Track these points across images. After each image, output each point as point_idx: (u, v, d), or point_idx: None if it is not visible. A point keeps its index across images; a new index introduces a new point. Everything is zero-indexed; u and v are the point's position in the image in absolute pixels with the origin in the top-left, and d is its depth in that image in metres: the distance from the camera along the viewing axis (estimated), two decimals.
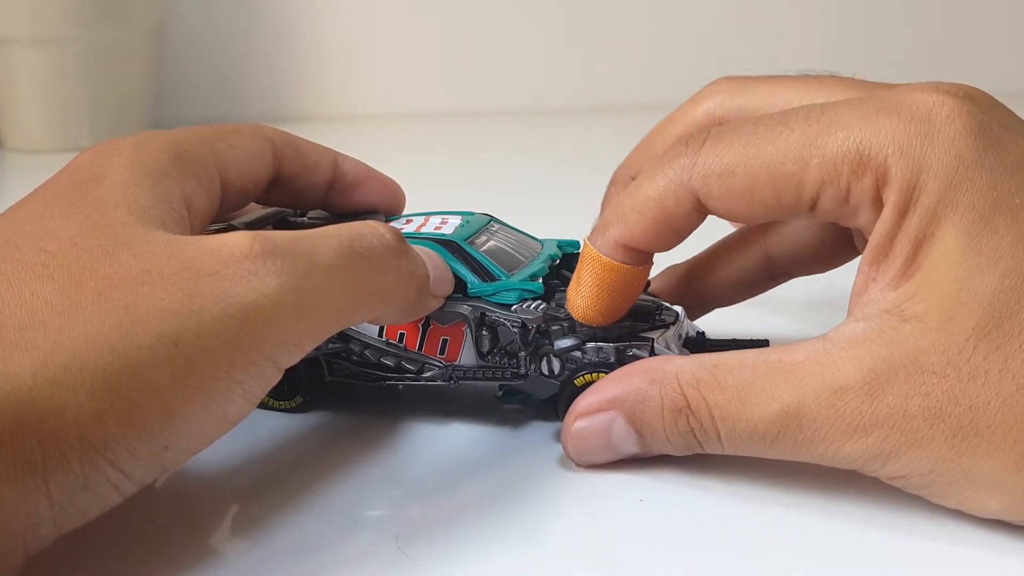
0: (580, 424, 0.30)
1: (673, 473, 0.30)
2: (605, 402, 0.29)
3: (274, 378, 0.25)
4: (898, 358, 0.25)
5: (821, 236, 0.35)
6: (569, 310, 0.31)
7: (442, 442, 0.32)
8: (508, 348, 0.32)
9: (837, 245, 0.35)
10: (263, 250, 0.25)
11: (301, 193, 0.34)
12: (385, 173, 0.36)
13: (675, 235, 0.29)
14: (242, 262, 0.24)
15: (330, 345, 0.33)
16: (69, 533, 0.22)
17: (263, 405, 0.33)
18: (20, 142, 0.91)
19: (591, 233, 0.31)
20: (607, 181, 0.37)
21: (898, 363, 0.25)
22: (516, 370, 0.32)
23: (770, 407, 0.26)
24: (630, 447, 0.29)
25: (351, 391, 0.34)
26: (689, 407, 0.28)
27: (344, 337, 0.33)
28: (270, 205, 0.35)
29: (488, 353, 0.32)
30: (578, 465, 0.30)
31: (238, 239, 0.25)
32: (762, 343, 0.33)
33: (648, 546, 0.27)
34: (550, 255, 0.35)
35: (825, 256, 0.35)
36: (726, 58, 1.01)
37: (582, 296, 0.31)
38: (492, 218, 0.35)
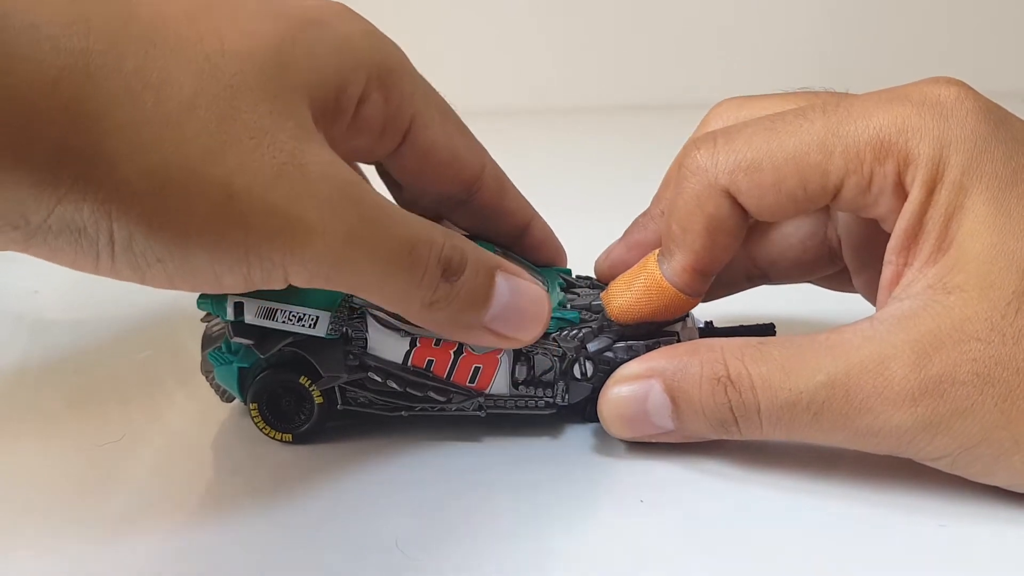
0: (618, 388, 0.30)
1: (673, 474, 0.30)
2: (647, 369, 0.29)
3: (278, 283, 0.26)
4: (944, 328, 0.26)
5: (804, 244, 0.35)
6: (606, 305, 0.31)
7: (441, 444, 0.32)
8: (543, 378, 0.32)
9: (819, 255, 0.35)
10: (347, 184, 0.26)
11: (484, 228, 0.35)
12: None
13: (731, 238, 0.29)
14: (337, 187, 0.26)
15: (350, 375, 0.31)
16: None
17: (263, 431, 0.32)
18: None
19: (658, 254, 0.31)
20: (607, 181, 0.37)
21: (944, 333, 0.26)
22: (551, 399, 0.32)
23: (815, 378, 0.27)
24: (664, 419, 0.29)
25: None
26: (729, 376, 0.28)
27: (364, 365, 0.31)
28: (457, 224, 0.35)
29: (523, 383, 0.32)
30: (611, 435, 0.30)
31: (343, 169, 0.26)
32: (768, 327, 0.33)
33: (648, 546, 0.27)
34: (558, 282, 0.35)
35: (805, 265, 0.35)
36: (726, 58, 1.01)
37: (625, 299, 0.31)
38: (495, 246, 0.35)
